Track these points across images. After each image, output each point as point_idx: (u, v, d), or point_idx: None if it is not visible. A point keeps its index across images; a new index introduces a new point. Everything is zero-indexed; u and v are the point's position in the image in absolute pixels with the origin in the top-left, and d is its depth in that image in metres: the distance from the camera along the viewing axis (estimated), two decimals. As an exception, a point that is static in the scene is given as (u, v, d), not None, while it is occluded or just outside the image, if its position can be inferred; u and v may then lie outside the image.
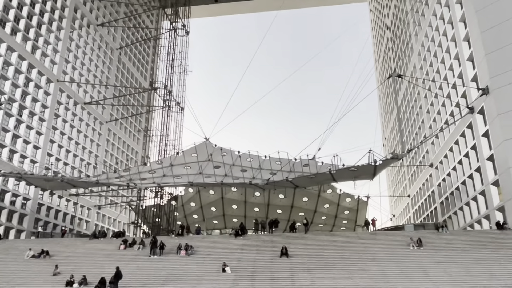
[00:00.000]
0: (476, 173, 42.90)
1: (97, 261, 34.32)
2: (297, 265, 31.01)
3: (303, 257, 32.84)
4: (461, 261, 29.79)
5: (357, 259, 31.62)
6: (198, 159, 48.47)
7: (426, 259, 31.07)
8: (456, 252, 31.91)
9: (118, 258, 34.20)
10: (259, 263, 32.15)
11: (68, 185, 47.52)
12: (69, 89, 71.37)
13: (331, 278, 28.28)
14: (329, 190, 53.80)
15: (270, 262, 32.08)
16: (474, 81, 42.33)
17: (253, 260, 32.71)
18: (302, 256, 33.05)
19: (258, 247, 35.89)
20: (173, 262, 33.17)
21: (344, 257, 32.35)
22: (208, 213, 58.04)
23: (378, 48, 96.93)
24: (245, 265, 31.87)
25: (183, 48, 73.63)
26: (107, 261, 33.79)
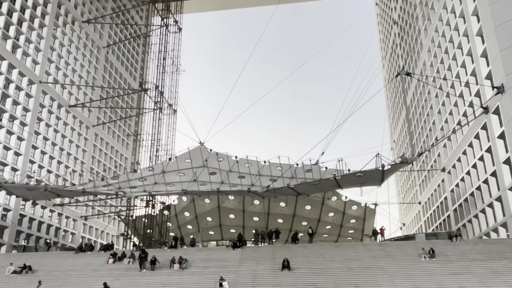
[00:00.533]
0: (492, 177, 42.96)
1: (84, 276, 34.25)
2: (300, 279, 30.98)
3: (306, 270, 32.81)
4: (477, 273, 29.78)
5: (365, 272, 31.59)
6: (193, 165, 48.43)
7: (440, 271, 31.06)
8: (471, 263, 31.91)
9: (106, 273, 34.14)
10: (259, 277, 32.10)
11: (52, 195, 47.46)
12: (52, 91, 71.41)
13: (337, 293, 28.25)
14: (333, 197, 53.86)
15: (270, 276, 32.04)
16: (488, 78, 42.48)
17: (252, 274, 32.66)
18: (305, 269, 33.02)
19: (257, 260, 35.84)
20: (166, 277, 33.11)
21: (351, 269, 32.31)
22: (203, 223, 58.00)
23: (385, 44, 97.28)
24: (243, 279, 31.82)
25: (175, 46, 73.78)
26: (95, 276, 33.72)
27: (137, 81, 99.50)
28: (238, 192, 46.24)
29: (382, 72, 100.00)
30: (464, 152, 49.82)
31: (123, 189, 46.11)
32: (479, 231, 47.05)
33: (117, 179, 49.73)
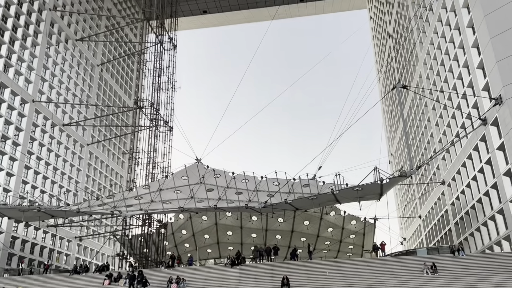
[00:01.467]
0: (493, 189, 42.80)
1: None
2: (301, 297, 30.50)
3: (306, 287, 32.36)
4: (481, 287, 29.41)
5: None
6: (189, 182, 48.17)
7: (442, 286, 30.68)
8: (474, 277, 31.55)
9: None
10: (258, 296, 31.59)
11: (45, 215, 46.93)
12: (46, 110, 71.24)
13: (338, 311, 27.80)
14: (332, 212, 53.57)
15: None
16: (485, 90, 42.64)
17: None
18: (305, 286, 32.57)
19: (256, 278, 35.39)
20: (163, 298, 32.52)
21: (352, 286, 31.88)
22: (201, 241, 57.49)
23: (380, 58, 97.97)
24: (243, 298, 31.30)
25: (170, 62, 74.16)
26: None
27: (132, 98, 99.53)
28: (236, 209, 45.95)
29: (378, 86, 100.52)
30: (464, 164, 49.74)
31: (118, 208, 45.67)
32: (481, 245, 46.68)
33: (113, 198, 49.30)
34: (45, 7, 72.74)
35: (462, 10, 46.90)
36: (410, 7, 67.76)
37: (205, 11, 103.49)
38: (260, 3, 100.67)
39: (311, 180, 42.87)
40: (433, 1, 56.67)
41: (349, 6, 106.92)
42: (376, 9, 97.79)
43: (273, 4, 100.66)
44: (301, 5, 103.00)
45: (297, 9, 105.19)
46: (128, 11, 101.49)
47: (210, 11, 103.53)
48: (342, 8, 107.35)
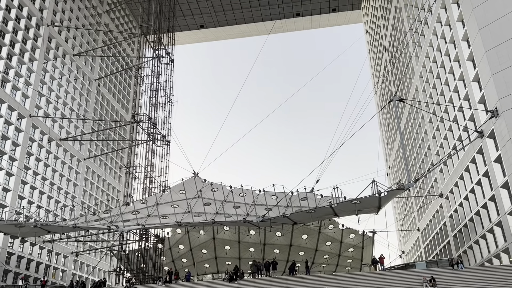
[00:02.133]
0: (491, 202, 42.84)
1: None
2: (300, 312, 30.23)
3: (305, 302, 32.10)
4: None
5: (366, 303, 30.92)
6: (187, 196, 48.00)
7: (442, 300, 30.50)
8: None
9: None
10: (257, 311, 31.31)
11: (42, 231, 46.57)
12: (43, 124, 71.22)
13: (338, 326, 27.55)
14: (330, 226, 53.39)
15: (269, 310, 31.26)
16: (481, 103, 42.92)
17: (250, 308, 31.87)
18: (304, 301, 32.30)
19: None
20: (160, 314, 32.19)
21: (352, 301, 31.65)
22: (198, 256, 57.11)
23: (376, 71, 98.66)
24: (241, 314, 31.01)
25: (167, 77, 74.51)
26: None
27: (129, 113, 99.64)
28: (234, 223, 45.73)
29: (374, 99, 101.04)
30: (461, 177, 49.82)
31: (115, 223, 45.40)
32: (480, 258, 46.54)
33: (110, 213, 49.05)
34: (43, 22, 73.19)
35: (457, 24, 47.44)
36: (405, 21, 68.51)
37: (202, 25, 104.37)
38: (256, 17, 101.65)
39: (309, 193, 42.83)
40: (428, 15, 57.32)
41: (345, 20, 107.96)
42: (372, 23, 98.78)
43: (269, 19, 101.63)
44: (298, 19, 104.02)
45: (294, 23, 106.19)
46: (126, 26, 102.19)
47: (207, 25, 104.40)
48: (338, 22, 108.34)
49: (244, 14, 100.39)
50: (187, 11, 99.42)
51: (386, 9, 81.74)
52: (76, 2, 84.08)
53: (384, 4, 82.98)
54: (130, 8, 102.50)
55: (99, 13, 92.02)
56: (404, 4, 68.04)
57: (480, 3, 41.63)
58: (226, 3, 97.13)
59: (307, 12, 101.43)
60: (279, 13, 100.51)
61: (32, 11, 70.86)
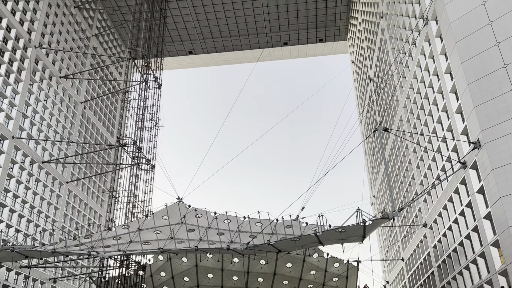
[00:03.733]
0: (474, 233, 43.09)
1: None
2: None
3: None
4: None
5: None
6: (170, 222, 47.37)
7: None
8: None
9: None
10: None
11: (19, 256, 45.23)
12: (25, 146, 70.22)
13: None
14: (315, 254, 53.04)
15: None
16: (464, 134, 43.67)
17: None
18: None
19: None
20: None
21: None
22: (180, 284, 56.02)
23: (361, 100, 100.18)
24: None
25: (154, 101, 74.54)
26: None
27: (115, 136, 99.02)
28: (217, 250, 45.07)
29: (360, 128, 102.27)
30: (445, 207, 50.17)
31: (96, 248, 44.43)
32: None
33: (90, 238, 48.04)
34: (30, 44, 73.07)
35: (440, 57, 48.67)
36: (390, 53, 70.10)
37: (191, 51, 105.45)
38: (245, 45, 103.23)
39: (294, 221, 42.61)
40: (412, 47, 58.77)
41: (331, 50, 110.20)
42: (357, 54, 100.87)
43: (258, 47, 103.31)
44: (285, 48, 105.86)
45: (281, 52, 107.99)
46: (114, 50, 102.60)
47: (196, 52, 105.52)
48: (325, 52, 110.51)
49: (232, 41, 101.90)
50: (176, 37, 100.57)
51: (371, 40, 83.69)
52: (65, 25, 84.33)
53: (369, 36, 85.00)
54: (119, 32, 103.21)
55: (87, 37, 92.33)
56: (389, 37, 69.78)
57: (463, 37, 42.89)
58: (215, 30, 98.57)
59: (294, 42, 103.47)
60: (267, 42, 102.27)
61: (20, 32, 70.80)
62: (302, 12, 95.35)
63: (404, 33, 61.19)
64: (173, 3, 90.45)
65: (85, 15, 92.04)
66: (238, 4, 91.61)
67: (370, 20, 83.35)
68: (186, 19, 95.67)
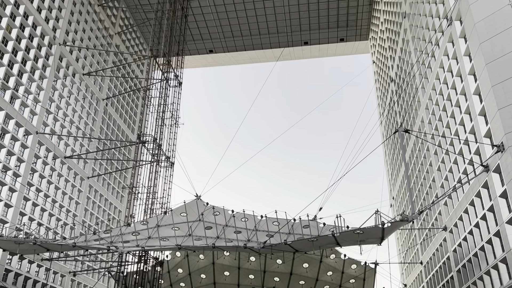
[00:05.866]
0: (496, 237, 42.21)
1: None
2: None
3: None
4: None
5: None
6: (188, 219, 47.68)
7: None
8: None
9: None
10: None
11: (41, 249, 46.19)
12: (49, 141, 71.58)
13: None
14: (332, 255, 52.70)
15: None
16: (487, 137, 42.80)
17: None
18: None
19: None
20: None
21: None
22: (196, 281, 56.33)
23: (382, 101, 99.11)
24: None
25: (175, 99, 75.15)
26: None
27: (135, 133, 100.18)
28: (234, 248, 45.21)
29: (380, 129, 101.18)
30: (466, 210, 49.28)
31: (115, 243, 45.04)
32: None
33: (110, 233, 48.71)
34: (55, 41, 74.45)
35: (464, 58, 47.78)
36: (412, 53, 69.15)
37: (212, 50, 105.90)
38: (265, 45, 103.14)
39: (311, 221, 42.38)
40: (435, 48, 57.86)
41: (353, 50, 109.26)
42: (379, 54, 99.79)
43: (278, 46, 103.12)
44: (306, 48, 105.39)
45: (302, 52, 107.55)
46: (136, 48, 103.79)
47: (216, 50, 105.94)
48: (346, 52, 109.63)
49: (253, 40, 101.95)
50: (197, 35, 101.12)
51: (393, 40, 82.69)
52: (88, 23, 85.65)
53: (391, 36, 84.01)
54: (141, 30, 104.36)
55: (110, 35, 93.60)
56: (412, 37, 68.84)
57: (487, 38, 42.00)
58: (235, 29, 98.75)
59: (315, 41, 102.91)
60: (288, 41, 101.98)
61: (45, 30, 72.18)
62: (323, 11, 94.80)
63: (427, 33, 60.28)
64: (194, 1, 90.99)
65: (108, 13, 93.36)
66: (259, 3, 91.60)
67: (392, 20, 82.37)
68: (207, 18, 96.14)
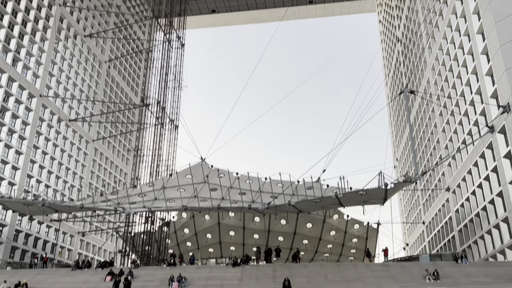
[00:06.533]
0: (498, 198, 42.62)
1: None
2: (302, 300, 30.49)
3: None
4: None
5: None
6: (193, 181, 48.20)
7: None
8: (477, 286, 31.41)
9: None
10: (259, 297, 31.62)
11: (49, 210, 47.08)
12: (52, 104, 71.63)
13: (339, 315, 27.75)
14: (335, 215, 53.45)
15: (271, 296, 31.55)
16: (493, 97, 42.47)
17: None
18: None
19: (258, 279, 35.40)
20: (163, 296, 32.63)
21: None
22: (202, 240, 57.52)
23: (388, 62, 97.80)
24: (243, 299, 31.35)
25: (177, 61, 74.34)
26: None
27: (139, 96, 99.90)
28: (239, 209, 45.89)
29: (385, 90, 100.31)
30: (469, 171, 49.54)
31: (122, 205, 45.75)
32: (485, 253, 46.48)
33: (116, 195, 49.44)
34: (55, 2, 73.19)
35: (472, 16, 46.75)
36: (419, 12, 67.62)
37: (214, 10, 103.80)
38: (269, 3, 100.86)
39: (315, 183, 42.72)
40: (443, 6, 56.52)
41: (358, 9, 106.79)
42: (385, 13, 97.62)
43: (282, 5, 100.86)
44: (310, 7, 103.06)
45: (306, 11, 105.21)
46: (137, 8, 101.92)
47: (219, 10, 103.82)
48: (351, 11, 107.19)
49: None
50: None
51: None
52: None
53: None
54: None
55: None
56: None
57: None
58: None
59: (320, 0, 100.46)
60: (292, 0, 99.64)
61: (44, -10, 70.80)
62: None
63: (435, -9, 58.74)
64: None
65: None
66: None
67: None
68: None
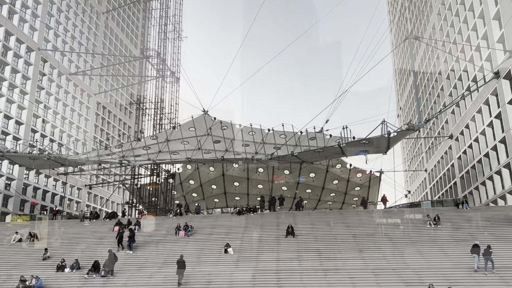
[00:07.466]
0: (501, 144, 42.81)
1: (90, 244, 34.89)
2: (304, 245, 31.46)
3: (310, 236, 33.28)
4: (483, 239, 30.07)
5: (369, 239, 32.01)
6: (196, 134, 48.45)
7: (444, 237, 31.42)
8: (477, 229, 32.19)
9: (112, 240, 34.68)
10: (263, 243, 32.62)
11: (55, 164, 47.78)
12: (52, 58, 70.87)
13: (340, 259, 28.70)
14: (338, 165, 53.99)
15: (275, 242, 32.55)
16: (500, 42, 41.69)
17: (257, 240, 33.18)
18: (309, 235, 33.48)
19: (262, 226, 36.37)
20: (171, 244, 33.70)
21: (355, 236, 32.73)
22: (208, 191, 58.60)
23: (393, 7, 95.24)
24: (248, 245, 32.36)
25: (176, 11, 72.52)
26: (100, 244, 34.35)
27: (138, 48, 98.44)
28: (242, 160, 46.38)
29: (389, 37, 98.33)
30: (473, 118, 49.47)
31: (127, 157, 46.32)
32: (486, 198, 47.27)
33: (121, 148, 49.91)
34: (47, -49, 70.65)
35: (480, -43, 45.08)
36: (426, -46, 65.13)
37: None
38: None
39: (318, 133, 42.86)
40: None
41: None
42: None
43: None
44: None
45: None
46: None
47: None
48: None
49: None
50: None
51: None
52: None
53: None
54: None
55: None
56: None
57: None
58: None
59: None
60: None
61: None
62: None
63: None
64: None
65: None
66: None
67: None
68: None
